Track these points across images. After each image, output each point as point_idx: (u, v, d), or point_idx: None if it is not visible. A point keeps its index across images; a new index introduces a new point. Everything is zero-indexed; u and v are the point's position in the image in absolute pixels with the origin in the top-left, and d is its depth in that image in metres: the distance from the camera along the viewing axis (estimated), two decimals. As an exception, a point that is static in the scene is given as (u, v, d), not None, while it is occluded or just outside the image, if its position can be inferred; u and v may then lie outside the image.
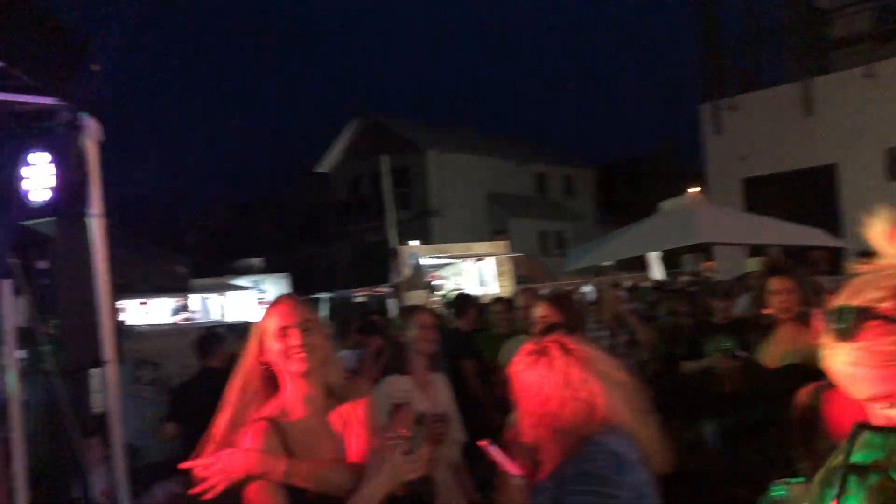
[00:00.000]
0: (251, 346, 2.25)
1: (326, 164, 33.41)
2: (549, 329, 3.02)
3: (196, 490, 2.04)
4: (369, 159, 26.64)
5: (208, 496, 2.02)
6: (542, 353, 2.07)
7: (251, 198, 36.56)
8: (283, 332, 2.21)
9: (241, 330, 7.35)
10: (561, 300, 4.28)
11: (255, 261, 20.16)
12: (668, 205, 11.23)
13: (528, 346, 2.15)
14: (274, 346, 2.21)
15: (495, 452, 2.19)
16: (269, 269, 20.38)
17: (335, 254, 31.83)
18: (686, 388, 6.11)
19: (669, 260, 15.49)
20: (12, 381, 4.23)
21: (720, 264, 16.09)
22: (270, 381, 2.26)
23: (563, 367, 2.02)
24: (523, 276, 17.83)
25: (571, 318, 3.88)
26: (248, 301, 17.68)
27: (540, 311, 4.09)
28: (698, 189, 11.85)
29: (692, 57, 18.04)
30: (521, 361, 2.10)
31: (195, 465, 2.07)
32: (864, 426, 1.30)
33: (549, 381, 2.02)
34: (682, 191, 11.73)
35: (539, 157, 35.45)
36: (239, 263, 19.81)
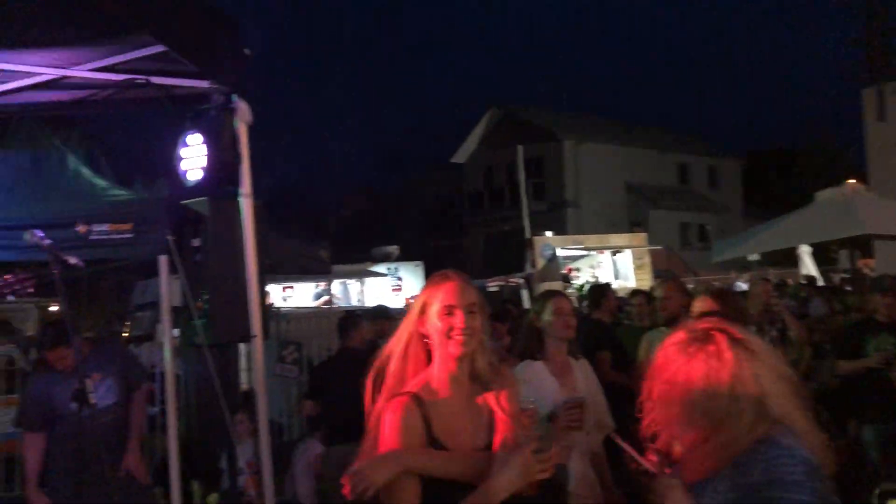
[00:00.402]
0: (412, 316, 2.22)
1: (461, 155, 33.67)
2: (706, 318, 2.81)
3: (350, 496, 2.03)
4: (504, 149, 26.59)
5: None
6: (704, 341, 1.86)
7: (389, 187, 37.41)
8: (448, 310, 2.18)
9: (377, 314, 7.49)
10: (723, 294, 4.02)
11: (392, 249, 20.56)
12: (824, 195, 10.52)
13: (684, 333, 1.95)
14: (436, 323, 2.18)
15: (628, 446, 2.06)
16: (404, 257, 20.74)
17: (468, 243, 32.06)
18: (844, 388, 5.71)
19: (822, 256, 14.53)
20: (167, 356, 4.47)
21: (880, 260, 14.91)
22: (424, 354, 2.22)
23: (731, 360, 1.81)
24: (662, 269, 17.24)
25: (735, 314, 3.60)
26: (385, 288, 18.08)
27: (700, 305, 3.87)
28: (854, 181, 11.02)
29: (855, 37, 16.75)
30: (675, 351, 1.91)
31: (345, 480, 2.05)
32: None
33: (715, 375, 1.81)
34: (837, 182, 10.96)
35: (682, 146, 34.19)
36: (376, 251, 20.28)
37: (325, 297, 14.65)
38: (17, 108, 4.27)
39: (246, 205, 3.92)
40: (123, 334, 14.81)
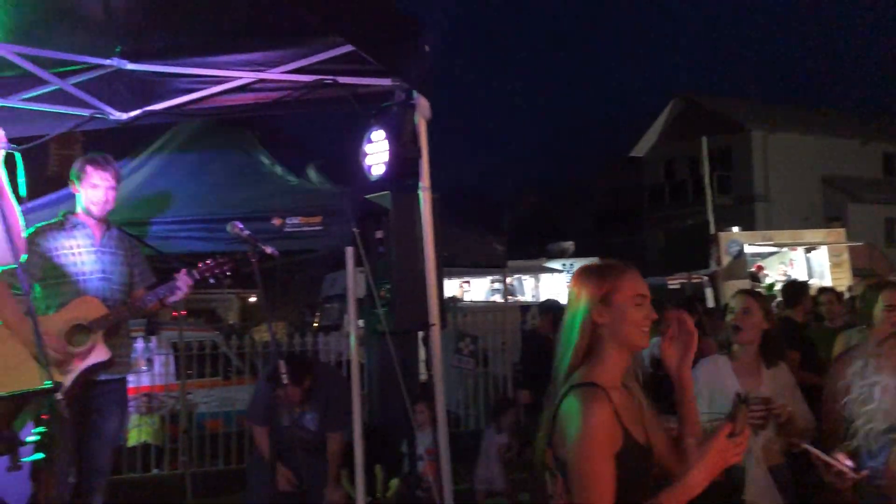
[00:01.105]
0: (591, 304, 2.11)
1: (641, 148, 32.74)
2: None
3: None
4: (687, 141, 25.55)
5: None
6: None
7: (565, 182, 37.08)
8: (640, 300, 2.11)
9: (548, 308, 7.46)
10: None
11: (567, 244, 20.36)
12: None
13: None
14: (629, 312, 2.10)
15: (819, 454, 1.90)
16: (580, 252, 20.47)
17: (647, 239, 31.13)
18: None
19: None
20: (353, 344, 4.70)
21: None
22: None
23: None
24: (862, 267, 15.84)
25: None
26: (559, 284, 17.96)
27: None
28: None
29: None
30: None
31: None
32: None
33: None
34: None
35: (888, 134, 31.23)
36: (552, 246, 20.17)
37: (502, 293, 14.77)
38: (217, 110, 4.63)
39: (425, 198, 4.04)
40: (314, 324, 15.72)
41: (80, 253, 3.90)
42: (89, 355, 3.70)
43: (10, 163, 2.63)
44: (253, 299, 24.04)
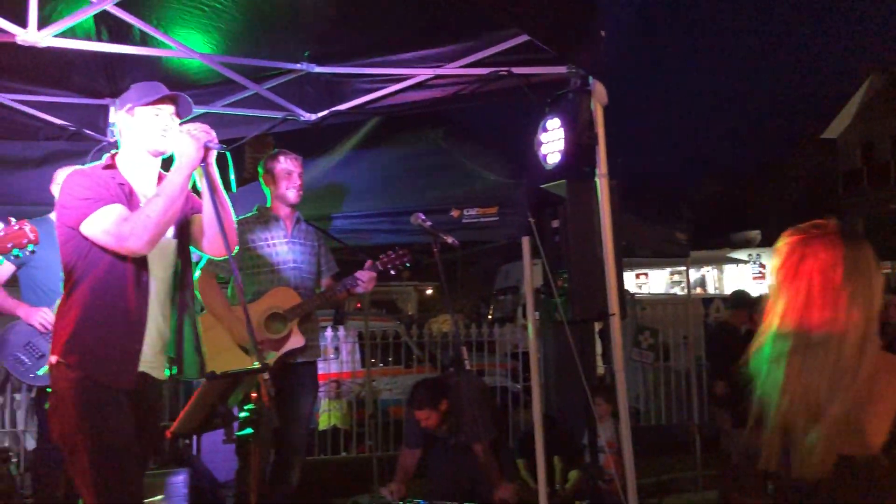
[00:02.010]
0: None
1: (834, 129, 30.33)
2: None
3: None
4: (888, 120, 23.37)
5: None
6: None
7: (750, 167, 35.01)
8: None
9: (738, 302, 7.11)
10: None
11: (753, 234, 19.26)
12: None
13: None
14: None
15: None
16: (767, 242, 19.29)
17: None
18: None
19: None
20: (531, 335, 4.71)
21: None
22: None
23: None
24: None
25: None
26: (745, 275, 17.04)
27: None
28: None
29: None
30: None
31: None
32: None
33: None
34: None
35: None
36: (736, 236, 19.16)
37: (682, 285, 14.23)
38: (397, 107, 4.80)
39: (602, 185, 3.97)
40: (488, 316, 15.94)
41: (275, 244, 4.19)
42: (286, 341, 3.98)
43: (220, 162, 2.88)
44: (430, 291, 24.76)
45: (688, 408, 8.45)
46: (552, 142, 4.03)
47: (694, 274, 16.17)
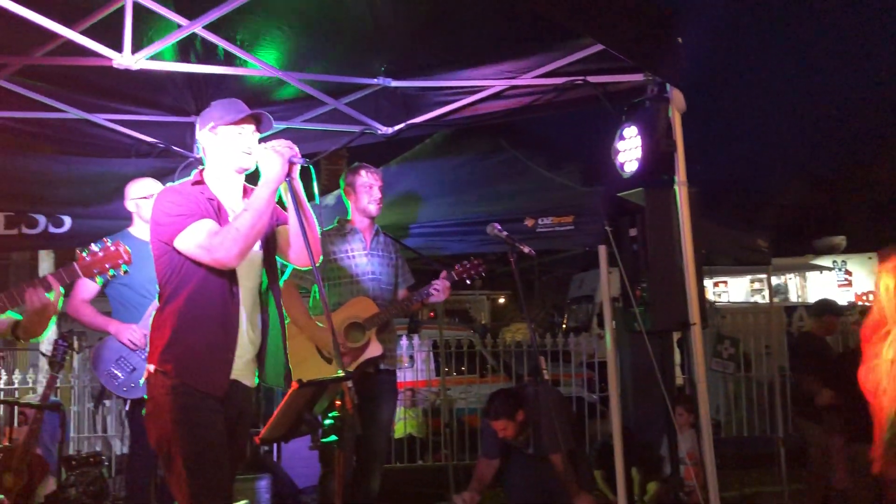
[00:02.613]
0: None
1: (925, 129, 29.01)
2: None
3: None
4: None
5: None
6: None
7: (834, 170, 33.75)
8: None
9: (822, 310, 6.87)
10: None
11: (838, 239, 18.55)
12: None
13: None
14: None
15: None
16: (852, 248, 18.56)
17: (938, 232, 27.43)
18: None
19: None
20: (609, 344, 4.68)
21: None
22: None
23: None
24: None
25: None
26: (829, 283, 16.43)
27: None
28: None
29: None
30: None
31: None
32: None
33: None
34: None
35: None
36: (819, 242, 18.49)
37: (764, 293, 13.86)
38: (472, 119, 4.85)
39: (681, 193, 3.93)
40: (562, 326, 15.82)
41: (354, 256, 4.28)
42: (365, 350, 4.06)
43: (303, 176, 2.97)
44: (502, 300, 24.73)
45: (771, 420, 8.21)
46: (629, 150, 4.01)
47: (775, 281, 15.68)
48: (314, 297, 4.34)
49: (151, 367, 2.89)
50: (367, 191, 4.31)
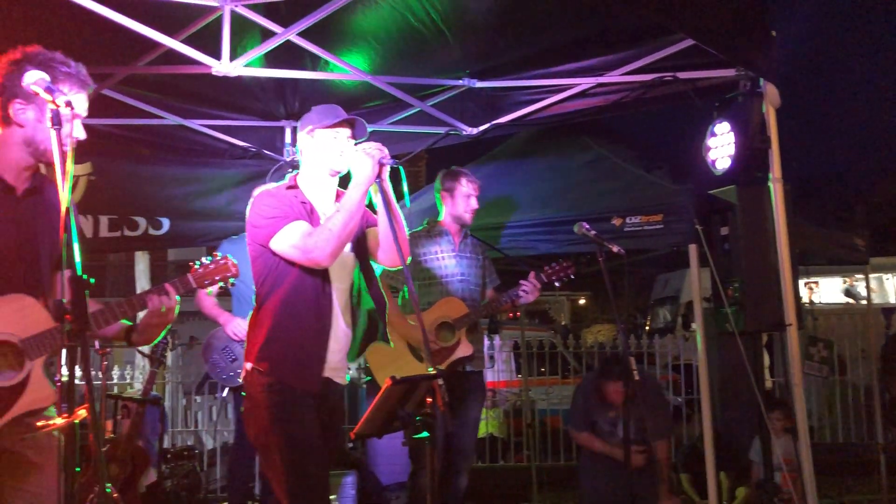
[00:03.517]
0: None
1: None
2: None
3: None
4: None
5: None
6: None
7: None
8: None
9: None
10: None
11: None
12: None
13: None
14: None
15: None
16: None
17: None
18: None
19: None
20: (700, 346, 4.58)
21: None
22: None
23: None
24: None
25: None
26: (930, 284, 15.64)
27: None
28: None
29: None
30: None
31: None
32: None
33: None
34: None
35: None
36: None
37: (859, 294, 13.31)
38: (558, 118, 4.83)
39: (776, 190, 3.82)
40: (645, 327, 15.55)
41: (444, 258, 4.32)
42: (455, 350, 4.10)
43: (393, 177, 3.02)
44: (582, 301, 24.46)
45: (868, 425, 7.87)
46: (721, 147, 3.92)
47: (873, 282, 14.99)
48: (403, 296, 4.40)
49: (249, 365, 2.98)
50: (465, 200, 4.33)
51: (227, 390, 4.67)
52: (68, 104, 2.01)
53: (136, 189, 5.01)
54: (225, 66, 3.92)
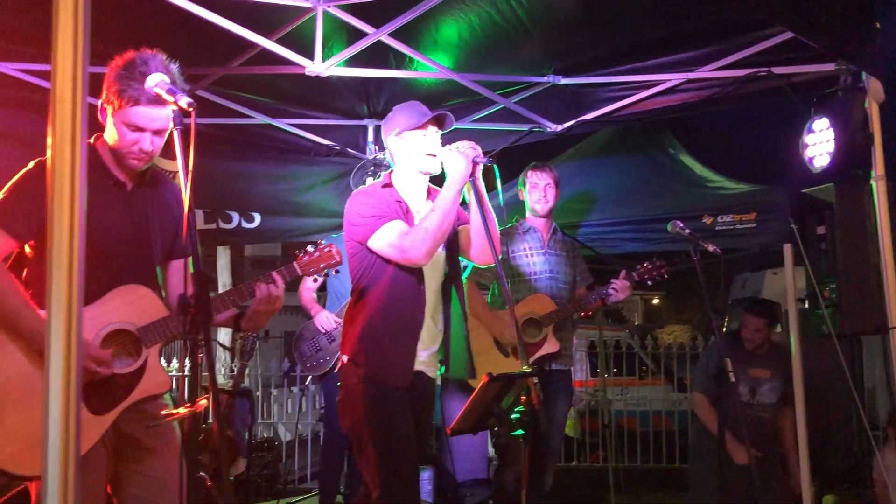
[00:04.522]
0: None
1: None
2: None
3: None
4: None
5: None
6: None
7: None
8: None
9: None
10: None
11: None
12: None
13: None
14: None
15: None
16: None
17: None
18: None
19: None
20: (794, 348, 4.44)
21: None
22: None
23: None
24: None
25: None
26: None
27: None
28: None
29: None
30: None
31: None
32: None
33: None
34: None
35: None
36: None
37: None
38: (644, 114, 4.74)
39: (879, 188, 3.68)
40: (722, 328, 15.18)
41: (532, 254, 4.31)
42: (541, 346, 4.08)
43: (485, 175, 3.03)
44: (656, 301, 24.05)
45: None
46: (819, 143, 3.79)
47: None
48: (493, 293, 4.41)
49: (345, 358, 3.05)
50: (533, 189, 4.33)
51: (309, 379, 4.98)
52: (190, 105, 2.08)
53: (227, 184, 5.15)
54: (318, 66, 3.99)
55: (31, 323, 2.17)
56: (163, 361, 2.49)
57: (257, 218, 5.06)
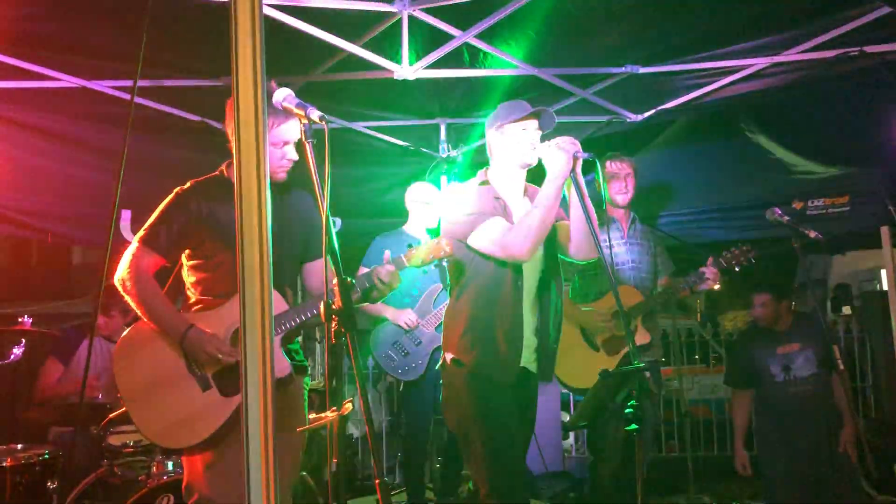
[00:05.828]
0: None
1: None
2: None
3: None
4: None
5: None
6: None
7: None
8: None
9: None
10: None
11: None
12: None
13: None
14: None
15: None
16: None
17: None
18: None
19: None
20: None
21: None
22: None
23: None
24: None
25: None
26: None
27: None
28: None
29: None
30: None
31: None
32: None
33: None
34: None
35: None
36: None
37: None
38: (727, 101, 4.65)
39: None
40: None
41: (613, 245, 4.29)
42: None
43: (586, 170, 3.03)
44: (717, 287, 23.58)
45: None
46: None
47: None
48: (573, 288, 4.40)
49: (448, 356, 3.08)
50: (610, 180, 4.31)
51: (402, 385, 4.77)
52: (321, 118, 2.14)
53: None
54: (405, 71, 4.02)
55: (173, 322, 2.70)
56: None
57: (338, 221, 5.12)
